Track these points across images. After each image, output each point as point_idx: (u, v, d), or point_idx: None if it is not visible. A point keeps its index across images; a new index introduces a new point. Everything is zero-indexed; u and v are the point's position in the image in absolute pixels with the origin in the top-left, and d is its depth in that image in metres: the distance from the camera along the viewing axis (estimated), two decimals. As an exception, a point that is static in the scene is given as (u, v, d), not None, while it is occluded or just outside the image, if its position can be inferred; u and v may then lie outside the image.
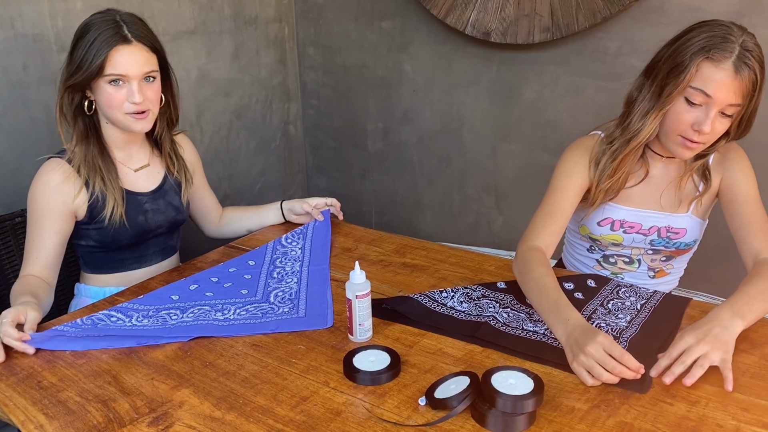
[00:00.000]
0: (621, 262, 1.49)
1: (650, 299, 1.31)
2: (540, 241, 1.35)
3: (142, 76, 1.40)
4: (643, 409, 0.99)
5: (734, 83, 1.18)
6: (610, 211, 1.42)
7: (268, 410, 1.02)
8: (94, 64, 1.36)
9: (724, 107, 1.21)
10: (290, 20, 2.66)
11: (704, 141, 1.25)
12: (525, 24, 2.07)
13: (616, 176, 1.36)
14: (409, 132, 2.54)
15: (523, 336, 1.19)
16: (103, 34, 1.36)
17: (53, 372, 1.13)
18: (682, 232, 1.40)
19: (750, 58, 1.17)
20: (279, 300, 1.38)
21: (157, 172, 1.58)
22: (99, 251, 1.53)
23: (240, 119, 2.53)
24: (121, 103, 1.40)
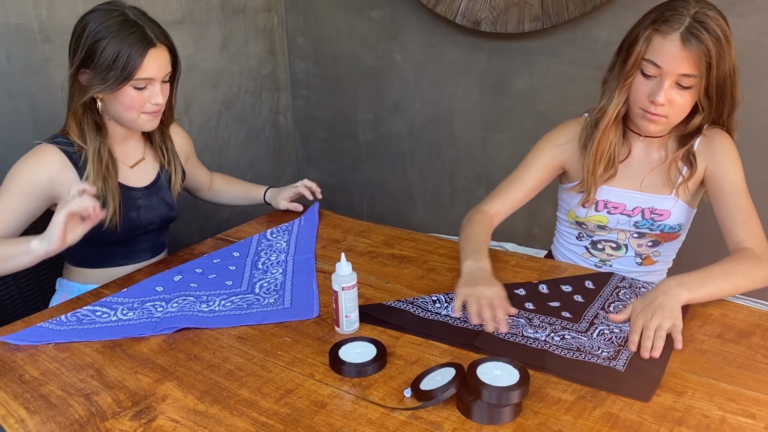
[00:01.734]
0: (608, 248, 1.49)
1: None
2: (488, 207, 1.49)
3: (163, 78, 1.39)
4: (629, 400, 0.99)
5: (682, 53, 1.21)
6: (597, 192, 1.44)
7: (252, 403, 1.01)
8: (128, 70, 1.32)
9: (677, 78, 1.24)
10: (279, 9, 2.63)
11: (664, 114, 1.28)
12: (515, 13, 2.06)
13: (598, 156, 1.39)
14: (399, 122, 2.52)
15: (523, 343, 1.13)
16: (130, 37, 1.31)
17: (35, 366, 1.12)
18: (666, 214, 1.40)
19: (700, 30, 1.20)
20: (264, 291, 1.37)
21: (152, 168, 1.56)
22: (87, 245, 1.50)
23: (229, 110, 2.51)
24: (142, 105, 1.38)
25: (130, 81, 1.34)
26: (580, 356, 1.09)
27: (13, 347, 1.18)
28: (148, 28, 1.34)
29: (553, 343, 1.13)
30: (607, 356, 1.09)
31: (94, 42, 1.32)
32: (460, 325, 1.20)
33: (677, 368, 1.06)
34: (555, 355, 1.09)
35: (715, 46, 1.21)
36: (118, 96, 1.36)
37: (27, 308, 1.64)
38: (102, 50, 1.31)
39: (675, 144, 1.39)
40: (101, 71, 1.33)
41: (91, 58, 1.33)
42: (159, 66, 1.36)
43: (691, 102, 1.27)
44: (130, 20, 1.34)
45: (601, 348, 1.11)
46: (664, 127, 1.33)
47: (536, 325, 1.19)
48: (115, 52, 1.31)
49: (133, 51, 1.31)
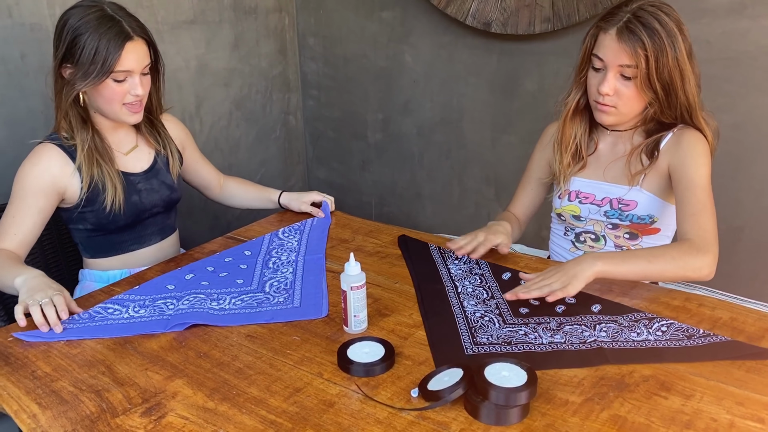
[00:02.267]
0: (589, 239, 1.54)
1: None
2: (512, 209, 1.66)
3: (143, 70, 1.43)
4: (637, 403, 0.99)
5: (619, 45, 1.32)
6: (569, 183, 1.53)
7: (261, 401, 1.02)
8: (108, 64, 1.36)
9: (618, 69, 1.34)
10: (290, 10, 2.64)
11: (612, 104, 1.37)
12: (526, 14, 2.05)
13: (563, 146, 1.50)
14: (409, 123, 2.53)
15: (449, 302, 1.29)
16: (108, 32, 1.36)
17: (47, 362, 1.13)
18: (632, 204, 1.45)
19: (635, 24, 1.30)
20: (274, 290, 1.37)
21: (147, 153, 1.59)
22: (97, 234, 1.53)
23: (240, 110, 2.52)
24: (122, 97, 1.42)
25: (111, 74, 1.38)
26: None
27: (25, 343, 1.19)
28: (125, 22, 1.39)
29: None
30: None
31: (74, 37, 1.37)
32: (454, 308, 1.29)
33: (685, 372, 1.06)
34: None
35: (652, 39, 1.29)
36: (99, 89, 1.40)
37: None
38: (82, 46, 1.36)
39: (641, 138, 1.46)
40: (82, 66, 1.37)
41: (72, 54, 1.38)
42: (137, 58, 1.40)
43: (636, 92, 1.35)
44: (108, 15, 1.38)
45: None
46: (617, 118, 1.41)
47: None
48: (94, 47, 1.35)
49: (111, 45, 1.36)
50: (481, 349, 1.13)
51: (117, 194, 1.47)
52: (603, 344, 1.13)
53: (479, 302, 1.30)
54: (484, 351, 1.13)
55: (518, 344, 1.14)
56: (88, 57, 1.36)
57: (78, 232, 1.55)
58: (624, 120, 1.42)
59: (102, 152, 1.47)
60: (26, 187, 1.42)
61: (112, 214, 1.48)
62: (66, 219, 1.53)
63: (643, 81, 1.33)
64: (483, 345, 1.14)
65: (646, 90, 1.34)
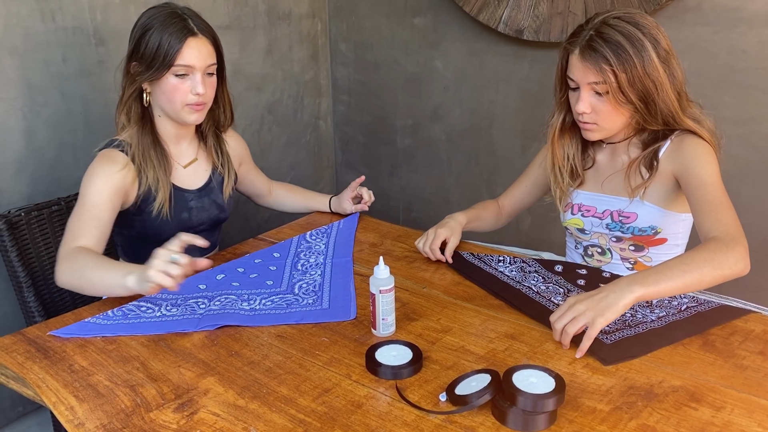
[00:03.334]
0: (596, 253, 1.53)
1: (700, 305, 1.30)
2: (500, 198, 1.73)
3: (206, 69, 1.44)
4: (666, 413, 0.98)
5: (584, 64, 1.32)
6: (572, 196, 1.54)
7: (290, 400, 1.04)
8: (169, 57, 1.39)
9: (590, 87, 1.34)
10: (323, 16, 2.67)
11: (592, 120, 1.37)
12: (558, 22, 2.05)
13: (556, 167, 1.51)
14: (438, 129, 2.54)
15: (540, 302, 1.31)
16: (171, 27, 1.40)
17: (84, 356, 1.17)
18: (632, 217, 1.44)
19: (596, 41, 1.30)
20: (303, 291, 1.39)
21: (204, 169, 1.61)
22: (138, 242, 1.55)
23: (272, 114, 2.56)
24: (185, 95, 1.43)
25: (171, 68, 1.40)
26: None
27: (63, 338, 1.23)
28: (191, 20, 1.42)
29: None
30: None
31: (142, 33, 1.41)
32: (505, 280, 1.40)
33: (716, 383, 1.05)
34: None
35: (616, 53, 1.28)
36: (161, 85, 1.43)
37: (74, 300, 1.70)
38: (147, 40, 1.40)
39: (637, 149, 1.44)
40: (146, 60, 1.41)
41: (138, 49, 1.42)
42: (199, 55, 1.42)
43: (612, 107, 1.34)
44: (175, 12, 1.42)
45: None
46: (602, 134, 1.41)
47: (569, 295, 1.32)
48: (157, 40, 1.39)
49: (173, 38, 1.39)
50: (614, 336, 1.18)
51: (164, 202, 1.48)
52: (693, 309, 1.26)
53: (564, 296, 1.34)
54: (619, 337, 1.18)
55: (637, 325, 1.22)
56: (151, 50, 1.39)
57: (121, 237, 1.58)
58: (610, 134, 1.41)
59: (160, 159, 1.49)
60: (98, 187, 1.41)
61: (159, 221, 1.49)
62: (115, 221, 1.53)
63: (615, 95, 1.31)
64: (611, 333, 1.19)
65: (622, 103, 1.33)
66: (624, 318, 1.23)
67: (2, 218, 1.55)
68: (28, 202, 1.78)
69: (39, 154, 1.85)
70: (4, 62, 1.73)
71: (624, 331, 1.19)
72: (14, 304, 1.83)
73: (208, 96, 1.47)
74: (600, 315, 1.09)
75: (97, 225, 1.39)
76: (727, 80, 1.89)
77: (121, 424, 0.99)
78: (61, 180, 1.90)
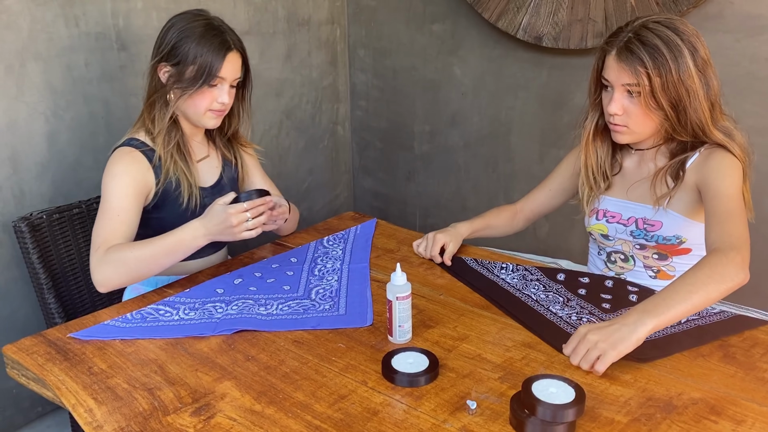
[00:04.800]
0: (619, 260, 1.52)
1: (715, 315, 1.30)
2: (518, 203, 1.73)
3: (233, 81, 1.49)
4: (685, 426, 0.97)
5: (620, 65, 1.32)
6: (598, 202, 1.53)
7: (306, 406, 1.04)
8: (211, 73, 1.43)
9: (623, 88, 1.34)
10: (342, 22, 2.68)
11: (623, 123, 1.37)
12: (578, 29, 2.04)
13: (587, 169, 1.50)
14: (456, 135, 2.53)
15: (537, 311, 1.31)
16: (212, 40, 1.43)
17: (103, 359, 1.18)
18: (657, 225, 1.43)
19: (635, 43, 1.30)
20: (320, 297, 1.40)
21: (215, 166, 1.63)
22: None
23: (290, 119, 2.57)
24: (210, 103, 1.48)
25: (208, 82, 1.44)
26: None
27: (82, 340, 1.24)
28: (228, 34, 1.47)
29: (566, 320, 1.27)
30: None
31: (179, 40, 1.44)
32: (506, 287, 1.41)
33: (737, 396, 1.04)
34: (558, 328, 1.24)
35: (653, 57, 1.29)
36: (193, 91, 1.45)
37: (94, 303, 1.72)
38: (187, 51, 1.43)
39: (665, 158, 1.44)
40: (183, 69, 1.44)
41: (174, 55, 1.45)
42: (232, 69, 1.47)
43: (644, 110, 1.34)
44: (213, 26, 1.46)
45: None
46: (631, 137, 1.40)
47: (568, 305, 1.33)
48: (198, 53, 1.42)
49: (215, 54, 1.43)
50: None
51: (192, 189, 1.52)
52: (696, 323, 1.25)
53: (563, 306, 1.34)
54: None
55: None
56: (190, 61, 1.43)
57: (137, 237, 1.59)
58: (639, 139, 1.41)
59: (184, 152, 1.53)
60: (123, 190, 1.44)
61: (173, 222, 1.49)
62: None
63: (647, 99, 1.31)
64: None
65: (653, 108, 1.32)
66: None
67: (24, 221, 1.58)
68: (49, 205, 1.81)
69: (61, 157, 1.87)
70: (29, 67, 1.76)
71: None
72: (35, 305, 1.85)
73: (229, 105, 1.52)
74: (612, 348, 1.07)
75: (126, 230, 1.43)
76: (749, 88, 1.86)
77: (139, 427, 0.99)
78: (82, 183, 1.93)
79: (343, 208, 2.90)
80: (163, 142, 1.49)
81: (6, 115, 1.74)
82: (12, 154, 1.77)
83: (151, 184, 1.49)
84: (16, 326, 1.85)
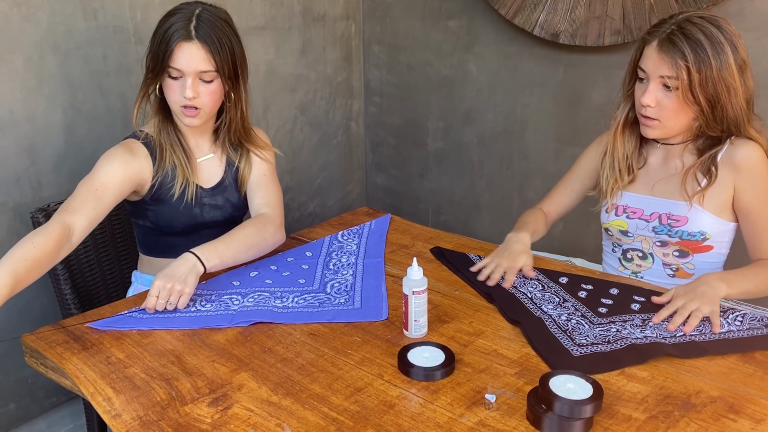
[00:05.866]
0: (636, 257, 1.51)
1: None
2: (542, 206, 1.66)
3: (197, 74, 1.41)
4: (704, 423, 0.96)
5: (660, 56, 1.31)
6: (616, 197, 1.51)
7: (323, 398, 1.04)
8: (163, 59, 1.40)
9: (661, 80, 1.33)
10: (357, 18, 2.68)
11: (655, 116, 1.36)
12: (595, 26, 2.03)
13: (615, 160, 1.48)
14: (470, 132, 2.53)
15: (528, 307, 1.31)
16: (173, 27, 1.40)
17: (121, 349, 1.19)
18: (682, 220, 1.42)
19: (678, 36, 1.29)
20: (335, 291, 1.40)
21: (218, 166, 1.58)
22: (154, 233, 1.57)
23: (304, 114, 2.57)
24: (178, 96, 1.42)
25: (167, 69, 1.41)
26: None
27: (100, 330, 1.25)
28: (196, 22, 1.40)
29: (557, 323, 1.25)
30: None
31: (155, 30, 1.43)
32: (531, 308, 1.32)
33: (756, 395, 1.03)
34: (549, 334, 1.21)
35: (694, 51, 1.28)
36: (163, 83, 1.45)
37: (109, 294, 1.73)
38: (155, 39, 1.42)
39: (692, 155, 1.43)
40: (151, 57, 1.43)
41: (151, 45, 1.44)
42: (189, 60, 1.39)
43: (679, 104, 1.33)
44: (189, 15, 1.41)
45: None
46: (661, 132, 1.39)
47: (563, 305, 1.31)
48: (158, 40, 1.41)
49: (170, 40, 1.39)
50: (586, 349, 1.15)
51: (187, 181, 1.49)
52: (694, 338, 1.19)
53: (556, 306, 1.32)
54: (590, 351, 1.15)
55: (617, 341, 1.17)
56: (154, 49, 1.42)
57: (138, 228, 1.60)
58: (669, 134, 1.40)
59: (179, 145, 1.51)
60: (113, 170, 1.42)
61: (169, 215, 1.49)
62: (130, 211, 1.58)
63: (685, 93, 1.31)
64: (585, 346, 1.16)
65: (689, 103, 1.32)
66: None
67: (41, 212, 1.59)
68: (66, 196, 1.81)
69: (78, 150, 1.88)
70: (47, 59, 1.77)
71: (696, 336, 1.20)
72: (51, 296, 1.86)
73: (201, 102, 1.43)
74: (714, 305, 1.23)
75: (96, 206, 1.37)
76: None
77: (157, 416, 1.00)
78: (99, 175, 1.93)
79: (355, 204, 2.90)
80: (156, 129, 1.49)
81: (25, 107, 1.76)
82: (30, 146, 1.79)
83: (147, 174, 1.47)
84: (32, 317, 1.86)
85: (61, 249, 1.29)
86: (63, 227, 1.31)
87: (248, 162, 1.60)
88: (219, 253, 1.40)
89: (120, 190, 1.42)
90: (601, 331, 1.21)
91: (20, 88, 1.74)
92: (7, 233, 1.78)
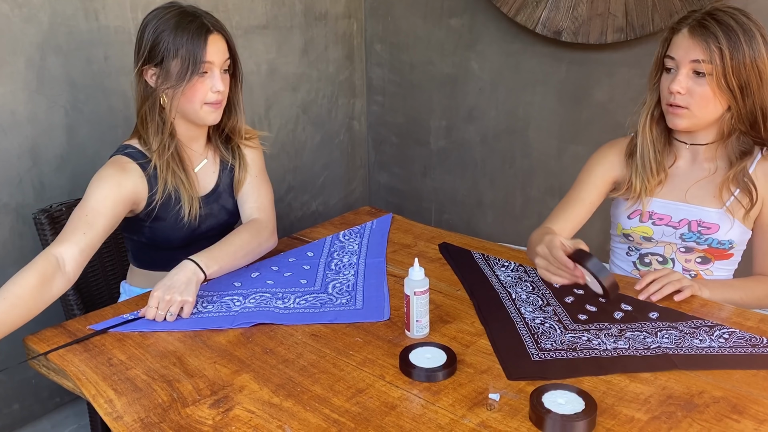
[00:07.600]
0: (655, 262, 1.48)
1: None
2: (552, 225, 1.46)
3: (223, 65, 1.40)
4: (707, 424, 0.96)
5: (691, 41, 1.29)
6: (641, 203, 1.45)
7: (324, 399, 1.04)
8: (197, 62, 1.34)
9: (691, 66, 1.30)
10: (359, 16, 2.68)
11: (684, 104, 1.31)
12: (598, 24, 2.02)
13: (644, 157, 1.42)
14: (472, 130, 2.52)
15: (506, 308, 1.30)
16: (189, 27, 1.35)
17: (123, 350, 1.19)
18: (714, 228, 1.39)
19: (709, 20, 1.28)
20: (337, 291, 1.40)
21: (212, 172, 1.55)
22: (150, 249, 1.54)
23: (306, 113, 2.57)
24: (204, 94, 1.38)
25: (200, 65, 1.35)
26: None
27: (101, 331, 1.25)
28: (204, 18, 1.38)
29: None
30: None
31: (156, 37, 1.36)
32: (512, 315, 1.28)
33: (759, 395, 1.02)
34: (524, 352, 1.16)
35: (727, 35, 1.26)
36: (188, 84, 1.37)
37: (112, 295, 1.74)
38: (165, 45, 1.35)
39: (724, 160, 1.39)
40: (168, 68, 1.36)
41: (155, 54, 1.37)
42: (218, 51, 1.38)
43: (710, 92, 1.29)
44: (188, 13, 1.38)
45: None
46: (690, 122, 1.34)
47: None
48: (177, 46, 1.34)
49: (195, 40, 1.34)
50: (547, 355, 1.13)
51: (192, 203, 1.45)
52: (668, 350, 1.14)
53: (536, 309, 1.30)
54: (550, 357, 1.13)
55: (583, 350, 1.14)
56: (173, 55, 1.35)
57: (131, 242, 1.56)
58: (697, 126, 1.35)
59: (180, 162, 1.46)
60: (104, 193, 1.36)
61: (166, 232, 1.46)
62: (123, 227, 1.51)
63: (718, 79, 1.27)
64: (548, 351, 1.14)
65: (722, 89, 1.28)
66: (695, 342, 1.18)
67: (44, 212, 1.59)
68: (69, 197, 1.82)
69: (80, 150, 1.89)
70: (49, 60, 1.77)
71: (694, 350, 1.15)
72: (54, 296, 1.87)
73: (225, 93, 1.43)
74: (690, 285, 1.29)
75: (87, 231, 1.32)
76: (772, 84, 1.84)
77: (158, 418, 1.00)
78: (101, 176, 1.93)
79: (358, 203, 2.90)
80: (158, 151, 1.42)
81: (26, 108, 1.76)
82: (32, 147, 1.79)
83: (142, 194, 1.42)
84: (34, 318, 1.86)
85: (48, 282, 1.24)
86: (48, 259, 1.26)
87: (242, 161, 1.57)
88: (218, 260, 1.38)
89: (113, 212, 1.36)
90: (572, 337, 1.19)
91: (22, 89, 1.74)
92: (10, 234, 1.79)
